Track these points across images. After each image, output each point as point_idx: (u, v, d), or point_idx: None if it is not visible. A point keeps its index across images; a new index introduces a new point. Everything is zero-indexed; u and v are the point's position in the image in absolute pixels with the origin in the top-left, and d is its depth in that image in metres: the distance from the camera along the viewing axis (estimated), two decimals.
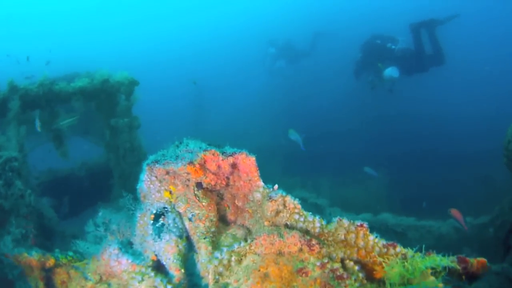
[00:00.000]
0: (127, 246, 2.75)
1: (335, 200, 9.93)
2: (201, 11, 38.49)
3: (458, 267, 2.11)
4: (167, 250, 2.43)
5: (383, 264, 2.15)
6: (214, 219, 2.51)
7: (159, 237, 2.48)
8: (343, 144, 12.76)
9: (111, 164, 5.71)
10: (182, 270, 2.42)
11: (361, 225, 2.26)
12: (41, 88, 5.55)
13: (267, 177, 8.62)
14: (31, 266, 3.18)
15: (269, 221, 2.40)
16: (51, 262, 3.12)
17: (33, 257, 3.15)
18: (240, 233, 2.50)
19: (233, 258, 2.27)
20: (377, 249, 2.24)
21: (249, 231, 2.51)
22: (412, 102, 13.66)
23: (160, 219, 2.53)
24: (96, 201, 7.90)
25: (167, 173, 2.56)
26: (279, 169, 12.32)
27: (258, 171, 2.50)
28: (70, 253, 3.25)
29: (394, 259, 2.14)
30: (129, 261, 2.54)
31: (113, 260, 2.61)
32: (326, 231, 2.26)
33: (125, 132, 5.22)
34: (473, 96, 14.49)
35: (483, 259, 2.18)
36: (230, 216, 2.62)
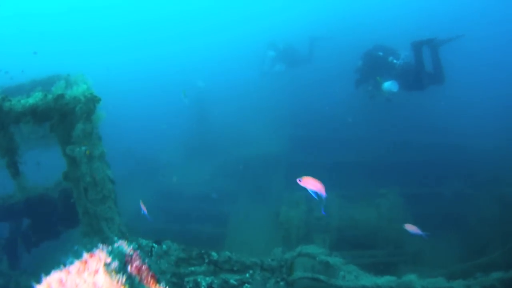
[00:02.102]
0: None
1: (346, 224, 8.67)
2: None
3: None
4: None
5: None
6: None
7: None
8: (350, 154, 11.40)
9: (74, 198, 4.42)
10: None
11: None
12: None
13: (270, 191, 7.25)
14: None
15: None
16: None
17: None
18: None
19: None
20: None
21: None
22: (424, 111, 12.26)
23: None
24: (69, 227, 6.70)
25: None
26: (282, 181, 11.01)
27: None
28: None
29: None
30: None
31: None
32: None
33: (83, 163, 3.91)
34: (491, 108, 13.03)
35: None
36: None
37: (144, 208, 4.12)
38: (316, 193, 4.28)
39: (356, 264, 7.81)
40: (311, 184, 4.25)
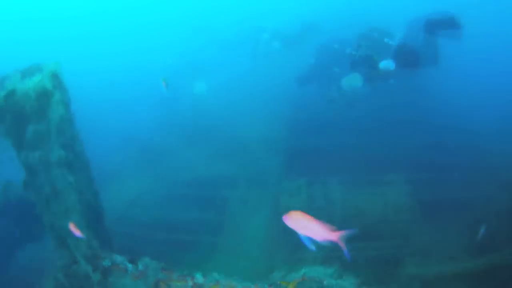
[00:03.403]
0: None
1: (349, 213, 7.99)
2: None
3: None
4: None
5: None
6: None
7: None
8: (352, 137, 10.62)
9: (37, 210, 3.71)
10: None
11: None
12: None
13: (268, 180, 6.31)
14: None
15: None
16: None
17: None
18: None
19: None
20: None
21: None
22: (431, 95, 11.44)
23: None
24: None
25: None
26: (282, 168, 10.28)
27: None
28: None
29: None
30: None
31: None
32: None
33: (40, 171, 3.18)
34: (501, 91, 12.19)
35: None
36: None
37: (76, 231, 3.30)
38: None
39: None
40: (302, 226, 2.54)
